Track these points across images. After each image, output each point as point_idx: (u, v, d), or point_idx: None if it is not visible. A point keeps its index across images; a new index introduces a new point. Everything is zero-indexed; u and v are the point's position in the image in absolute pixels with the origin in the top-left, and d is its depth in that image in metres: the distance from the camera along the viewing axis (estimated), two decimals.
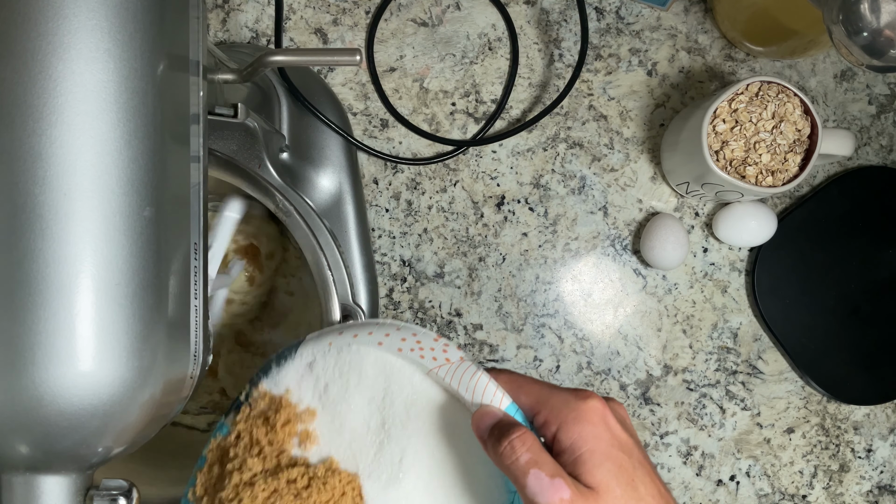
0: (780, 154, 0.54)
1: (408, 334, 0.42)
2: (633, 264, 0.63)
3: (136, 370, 0.31)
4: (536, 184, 0.63)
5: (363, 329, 0.43)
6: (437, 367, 0.41)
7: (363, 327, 0.43)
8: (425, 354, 0.41)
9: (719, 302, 0.63)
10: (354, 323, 0.44)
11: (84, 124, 0.29)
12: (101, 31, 0.30)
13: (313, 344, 0.44)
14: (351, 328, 0.44)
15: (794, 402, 0.63)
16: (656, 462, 0.63)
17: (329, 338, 0.44)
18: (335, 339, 0.43)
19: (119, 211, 0.30)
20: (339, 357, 0.43)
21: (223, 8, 0.63)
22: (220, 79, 0.44)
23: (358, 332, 0.43)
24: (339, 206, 0.59)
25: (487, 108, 0.63)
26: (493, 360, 0.62)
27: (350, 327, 0.44)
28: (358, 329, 0.43)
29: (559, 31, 0.63)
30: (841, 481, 0.63)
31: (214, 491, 0.42)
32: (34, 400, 0.29)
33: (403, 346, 0.42)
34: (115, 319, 0.30)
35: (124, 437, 0.32)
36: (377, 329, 0.43)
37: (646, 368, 0.63)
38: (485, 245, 0.63)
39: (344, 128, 0.60)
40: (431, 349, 0.41)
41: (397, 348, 0.42)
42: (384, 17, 0.63)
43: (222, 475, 0.42)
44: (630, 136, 0.63)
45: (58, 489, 0.32)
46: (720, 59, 0.63)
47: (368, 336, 0.43)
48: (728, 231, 0.60)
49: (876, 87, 0.64)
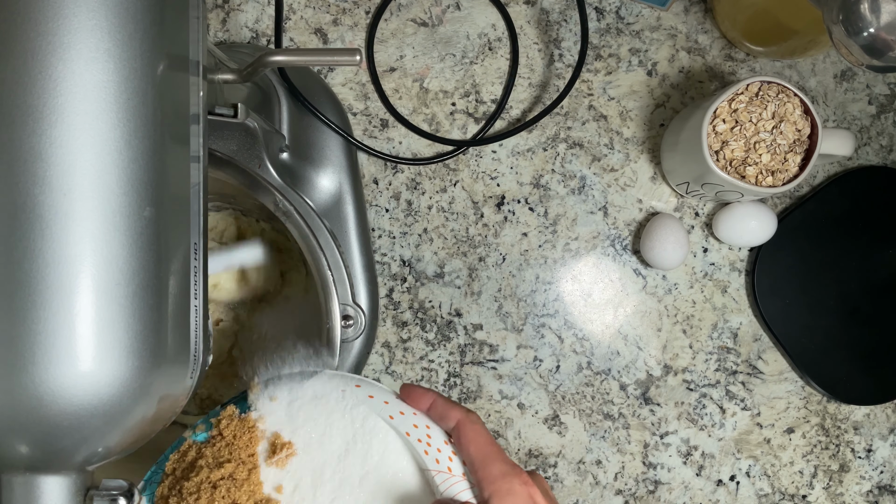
0: (780, 154, 0.54)
1: (420, 422, 0.43)
2: (633, 264, 0.63)
3: (136, 370, 0.31)
4: (536, 184, 0.63)
5: (380, 394, 0.44)
6: (435, 472, 0.42)
7: (381, 393, 0.45)
8: (430, 452, 0.43)
9: (719, 302, 0.63)
10: (372, 383, 0.45)
11: (84, 124, 0.29)
12: (101, 31, 0.30)
13: (327, 381, 0.45)
14: (371, 387, 0.45)
15: (794, 402, 0.63)
16: (656, 462, 0.63)
17: (345, 384, 0.44)
18: (351, 389, 0.44)
19: (119, 211, 0.30)
20: (351, 410, 0.44)
21: (223, 8, 0.63)
22: (220, 79, 0.44)
23: (375, 394, 0.44)
24: (339, 206, 0.59)
25: (487, 108, 0.63)
26: (493, 360, 0.62)
27: (370, 386, 0.45)
28: (376, 392, 0.44)
29: (559, 31, 0.63)
30: (841, 481, 0.63)
31: (180, 478, 0.42)
32: (34, 400, 0.29)
33: (412, 433, 0.43)
34: (115, 319, 0.30)
35: (124, 437, 0.32)
36: (393, 403, 0.44)
37: (646, 368, 0.63)
38: (485, 245, 0.63)
39: (344, 128, 0.60)
40: (438, 450, 0.43)
41: (405, 431, 0.43)
42: (384, 17, 0.63)
43: (193, 465, 0.42)
44: (630, 136, 0.63)
45: (58, 489, 0.32)
46: (720, 59, 0.63)
47: (384, 405, 0.44)
48: (728, 231, 0.60)
49: (876, 87, 0.64)
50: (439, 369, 0.62)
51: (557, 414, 0.62)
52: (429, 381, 0.62)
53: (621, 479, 0.63)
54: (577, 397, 0.63)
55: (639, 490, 0.63)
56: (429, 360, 0.62)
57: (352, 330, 0.56)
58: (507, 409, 0.62)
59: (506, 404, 0.62)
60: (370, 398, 0.43)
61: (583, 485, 0.63)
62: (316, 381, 0.45)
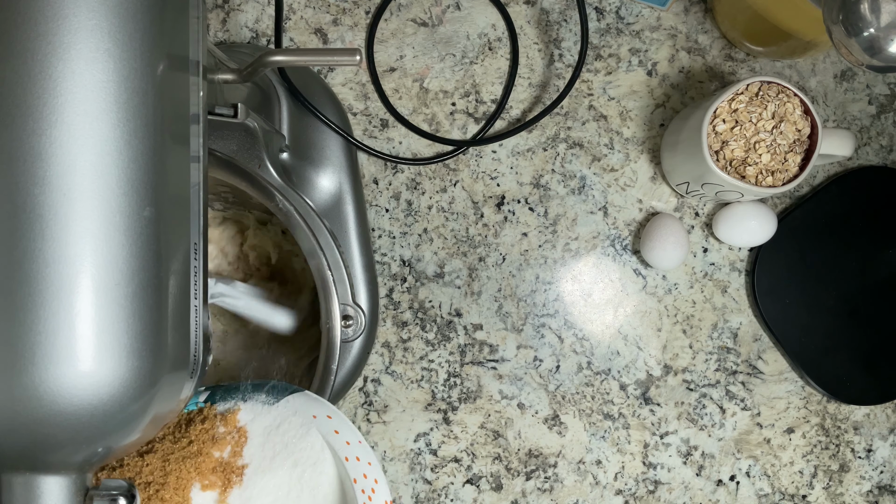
0: (780, 154, 0.54)
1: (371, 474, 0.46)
2: (633, 264, 0.63)
3: (136, 370, 0.31)
4: (536, 184, 0.63)
5: (346, 434, 0.47)
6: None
7: (348, 433, 0.47)
8: (365, 489, 0.45)
9: (719, 302, 0.63)
10: (345, 422, 0.48)
11: (84, 124, 0.29)
12: (101, 31, 0.30)
13: (303, 402, 0.47)
14: (340, 424, 0.47)
15: (794, 402, 0.63)
16: (656, 462, 0.63)
17: (319, 410, 0.47)
18: (322, 419, 0.47)
19: (119, 211, 0.30)
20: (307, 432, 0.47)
21: (223, 8, 0.63)
22: (220, 79, 0.44)
23: (341, 431, 0.47)
24: (339, 206, 0.59)
25: (487, 108, 0.63)
26: (493, 359, 0.62)
27: (340, 422, 0.47)
28: (343, 429, 0.47)
29: (559, 31, 0.63)
30: (841, 481, 0.63)
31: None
32: (34, 400, 0.29)
33: (359, 481, 0.45)
34: (115, 319, 0.30)
35: (124, 437, 0.32)
36: (355, 447, 0.47)
37: (646, 368, 0.63)
38: (485, 245, 0.63)
39: (344, 128, 0.60)
40: (373, 490, 0.45)
41: (353, 478, 0.46)
42: (384, 17, 0.63)
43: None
44: (630, 136, 0.63)
45: (58, 489, 0.32)
46: (720, 59, 0.63)
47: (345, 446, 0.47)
48: (728, 231, 0.60)
49: (876, 87, 0.64)
50: (439, 369, 0.62)
51: (557, 414, 0.62)
52: (429, 380, 0.62)
53: (621, 479, 0.63)
54: (577, 397, 0.63)
55: (639, 490, 0.63)
56: (429, 360, 0.62)
57: (352, 330, 0.56)
58: (507, 409, 0.62)
59: (506, 404, 0.62)
60: (336, 433, 0.45)
61: (583, 485, 0.63)
62: (294, 399, 0.47)
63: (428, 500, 0.62)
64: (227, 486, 0.45)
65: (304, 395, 0.48)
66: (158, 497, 0.44)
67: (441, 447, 0.62)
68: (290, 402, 0.47)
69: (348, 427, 0.47)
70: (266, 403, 0.47)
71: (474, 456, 0.62)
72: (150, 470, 0.45)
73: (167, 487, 0.44)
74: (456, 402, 0.62)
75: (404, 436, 0.62)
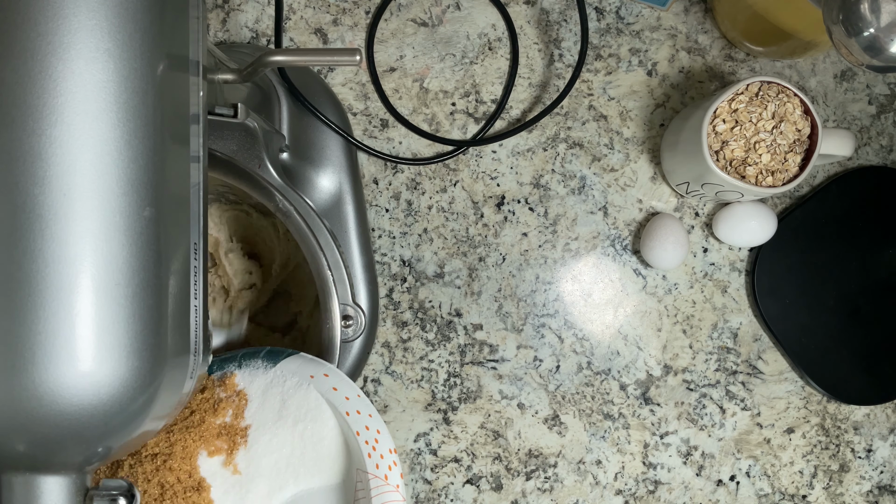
0: (780, 154, 0.54)
1: (373, 425, 0.46)
2: (633, 264, 0.63)
3: (136, 370, 0.31)
4: (536, 184, 0.63)
5: (345, 389, 0.48)
6: (371, 475, 0.45)
7: (346, 388, 0.48)
8: (373, 456, 0.45)
9: (719, 302, 0.63)
10: (341, 377, 0.49)
11: (84, 124, 0.29)
12: (101, 31, 0.30)
13: (301, 364, 0.48)
14: (338, 380, 0.48)
15: (794, 402, 0.63)
16: (656, 462, 0.63)
17: (316, 370, 0.48)
18: (319, 377, 0.47)
19: (119, 211, 0.30)
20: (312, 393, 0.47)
21: (223, 8, 0.63)
22: (220, 79, 0.44)
23: (339, 387, 0.48)
24: (339, 206, 0.59)
25: (487, 108, 0.63)
26: (493, 360, 0.62)
27: (338, 378, 0.48)
28: (342, 385, 0.48)
29: (559, 31, 0.63)
30: (841, 481, 0.63)
31: None
32: (34, 400, 0.29)
33: (362, 433, 0.46)
34: (115, 319, 0.30)
35: (124, 437, 0.32)
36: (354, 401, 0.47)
37: (646, 368, 0.63)
38: (485, 245, 0.63)
39: (344, 128, 0.60)
40: (381, 456, 0.45)
41: (356, 430, 0.46)
42: (384, 17, 0.63)
43: None
44: (630, 136, 0.63)
45: (58, 489, 0.32)
46: (720, 59, 0.63)
47: (345, 401, 0.47)
48: (728, 231, 0.60)
49: (876, 87, 0.64)
50: (439, 369, 0.62)
51: (557, 414, 0.62)
52: (429, 380, 0.62)
53: (621, 479, 0.63)
54: (577, 397, 0.63)
55: (639, 490, 0.63)
56: (429, 360, 0.62)
57: (352, 330, 0.56)
58: (507, 409, 0.62)
59: (506, 404, 0.62)
60: (334, 390, 0.45)
61: (583, 485, 0.63)
62: (290, 362, 0.48)
63: (428, 500, 0.62)
64: (233, 449, 0.46)
65: (300, 356, 0.48)
66: (167, 467, 0.45)
67: (441, 447, 0.62)
68: (286, 364, 0.48)
69: (346, 383, 0.48)
70: (263, 368, 0.48)
71: (474, 456, 0.62)
72: (154, 442, 0.45)
73: (174, 457, 0.45)
74: (456, 402, 0.62)
75: (404, 436, 0.62)
